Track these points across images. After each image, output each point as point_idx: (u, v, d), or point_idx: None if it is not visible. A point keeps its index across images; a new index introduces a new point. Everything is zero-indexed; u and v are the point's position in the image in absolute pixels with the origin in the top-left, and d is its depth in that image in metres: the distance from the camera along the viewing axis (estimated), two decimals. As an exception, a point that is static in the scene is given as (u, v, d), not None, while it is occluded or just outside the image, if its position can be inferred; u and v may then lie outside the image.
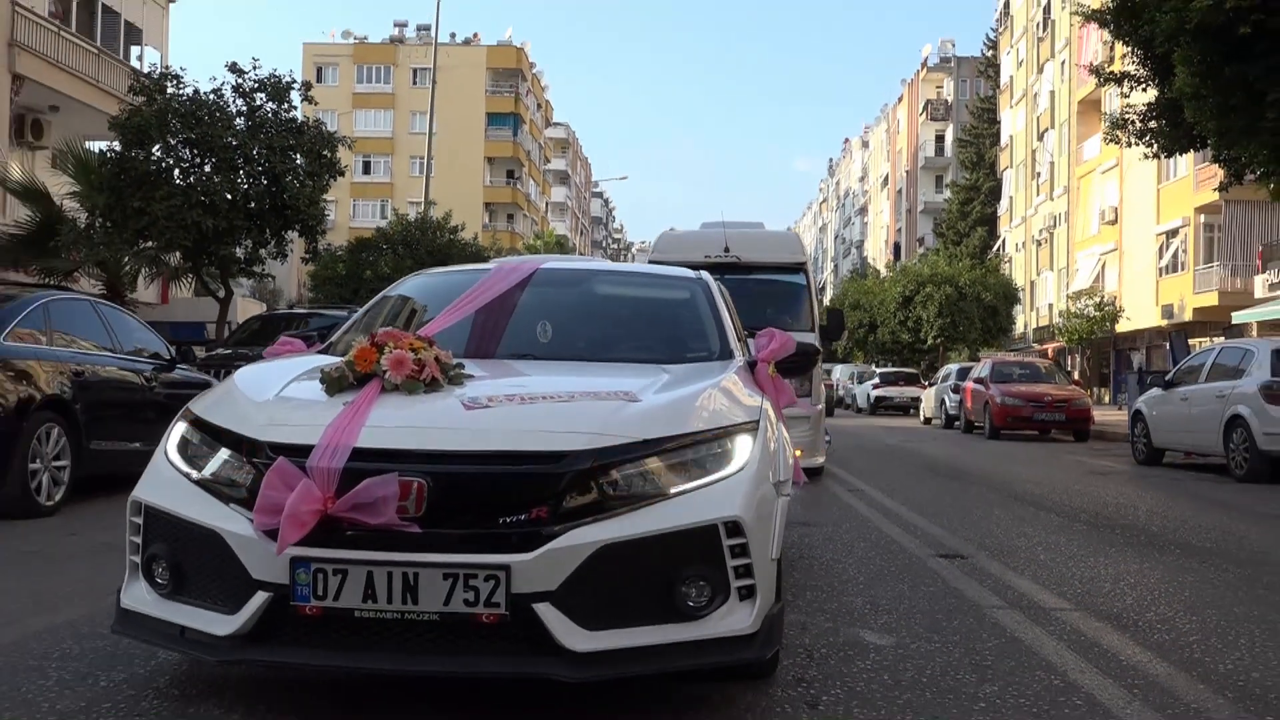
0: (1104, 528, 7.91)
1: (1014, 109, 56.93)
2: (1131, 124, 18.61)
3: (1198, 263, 34.15)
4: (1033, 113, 52.81)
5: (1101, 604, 5.09)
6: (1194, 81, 13.83)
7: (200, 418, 3.30)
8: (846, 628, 4.46)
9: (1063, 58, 47.45)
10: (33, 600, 4.60)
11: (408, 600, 2.74)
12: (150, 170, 18.27)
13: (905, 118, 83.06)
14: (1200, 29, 12.96)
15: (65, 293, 9.41)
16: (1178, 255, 35.94)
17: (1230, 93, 13.56)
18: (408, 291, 5.05)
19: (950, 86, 76.16)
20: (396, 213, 40.34)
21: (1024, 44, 55.19)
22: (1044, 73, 50.95)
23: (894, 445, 18.51)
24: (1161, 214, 36.69)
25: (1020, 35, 56.04)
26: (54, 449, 7.50)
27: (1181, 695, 3.57)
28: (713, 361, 4.16)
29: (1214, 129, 14.74)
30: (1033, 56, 53.18)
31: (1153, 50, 15.92)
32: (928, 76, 78.68)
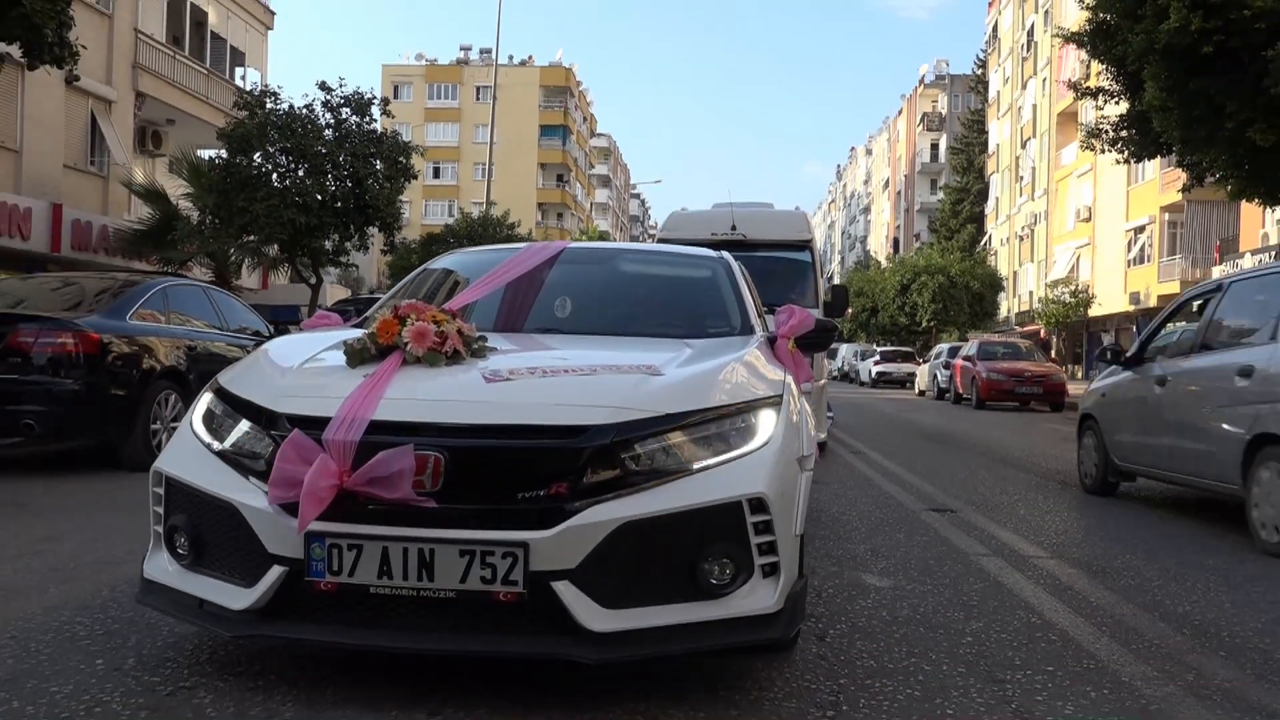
0: (1076, 487, 7.82)
1: (1000, 120, 56.18)
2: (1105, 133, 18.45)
3: (1162, 255, 33.72)
4: (1017, 124, 52.08)
5: (1074, 553, 5.04)
6: (1161, 95, 13.64)
7: (224, 388, 2.91)
8: (850, 571, 4.44)
9: (1044, 75, 46.73)
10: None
11: (424, 577, 2.38)
12: (252, 175, 18.42)
13: (904, 128, 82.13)
14: (1167, 49, 12.82)
15: (180, 279, 9.51)
16: (1144, 249, 35.48)
17: (1194, 105, 13.37)
18: (443, 266, 4.64)
19: (944, 101, 75.22)
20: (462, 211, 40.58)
21: (1010, 63, 54.34)
22: (1027, 88, 50.20)
23: (892, 414, 18.39)
24: (1130, 212, 36.20)
25: (1007, 55, 55.18)
26: (171, 412, 7.62)
27: (1144, 632, 3.53)
28: (734, 336, 3.71)
29: (1179, 137, 14.55)
30: (1017, 74, 52.38)
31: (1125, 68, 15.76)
32: (924, 92, 77.82)
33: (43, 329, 6.95)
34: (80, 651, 2.96)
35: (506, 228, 33.53)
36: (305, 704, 2.55)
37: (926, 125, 75.75)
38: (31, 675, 2.74)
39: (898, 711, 2.65)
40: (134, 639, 3.07)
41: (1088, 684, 2.94)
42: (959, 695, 2.80)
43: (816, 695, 2.75)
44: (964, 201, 63.10)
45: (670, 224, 10.20)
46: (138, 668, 2.82)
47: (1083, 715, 2.67)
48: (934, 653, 3.20)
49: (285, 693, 2.63)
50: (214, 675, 2.76)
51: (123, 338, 7.39)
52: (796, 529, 2.71)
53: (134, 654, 2.94)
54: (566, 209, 76.56)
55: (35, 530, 4.90)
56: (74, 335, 6.97)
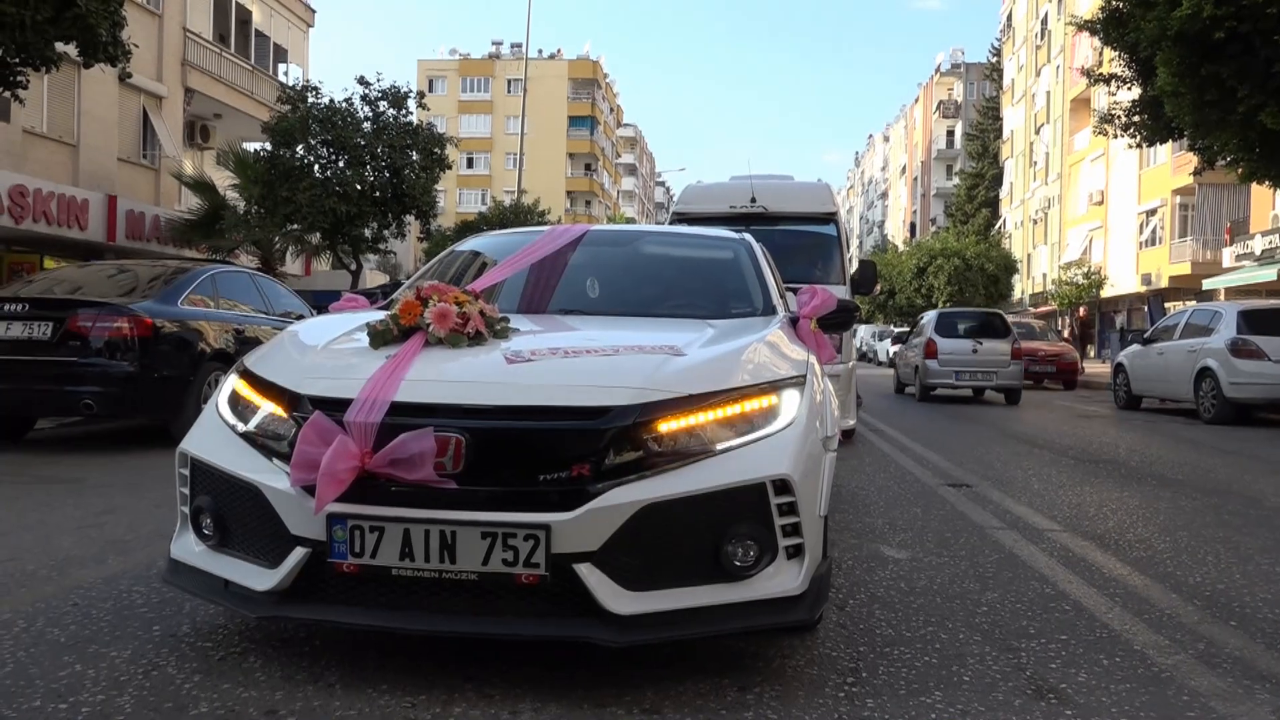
0: (1089, 462, 7.74)
1: (1015, 107, 55.42)
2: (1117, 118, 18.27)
3: (1173, 237, 33.20)
4: (1031, 110, 51.36)
5: (1087, 526, 4.98)
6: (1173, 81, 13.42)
7: (249, 369, 2.82)
8: (869, 543, 4.41)
9: (1058, 62, 46.03)
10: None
11: (445, 559, 2.30)
12: (295, 166, 18.49)
13: (921, 116, 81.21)
14: (1180, 35, 12.60)
15: (228, 266, 9.58)
16: (1156, 231, 34.94)
17: (1205, 90, 13.15)
18: (469, 248, 4.54)
19: (960, 88, 74.28)
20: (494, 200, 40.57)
21: (1024, 51, 53.53)
22: (1041, 75, 49.46)
23: (910, 393, 18.26)
24: (1142, 195, 35.64)
25: (1021, 43, 54.34)
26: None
27: (1156, 603, 3.49)
28: (757, 317, 3.57)
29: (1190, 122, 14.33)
30: (1032, 62, 51.61)
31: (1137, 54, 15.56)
32: (940, 80, 76.86)
33: (100, 314, 7.03)
34: (138, 619, 3.00)
35: (537, 215, 33.54)
36: (350, 669, 2.57)
37: (943, 112, 74.88)
38: (93, 640, 2.78)
39: (915, 678, 2.64)
40: (188, 607, 3.10)
41: (1100, 652, 2.91)
42: (975, 662, 2.78)
43: (837, 663, 2.74)
44: (979, 186, 62.42)
45: (686, 197, 9.19)
46: (191, 634, 2.85)
47: (1096, 682, 2.65)
48: (950, 622, 3.18)
49: (330, 658, 2.66)
50: (263, 642, 2.79)
51: (175, 322, 7.47)
52: (821, 510, 2.62)
53: (188, 621, 2.98)
54: (594, 196, 76.45)
55: (94, 505, 4.97)
56: (129, 319, 7.06)
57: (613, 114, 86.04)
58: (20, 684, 2.44)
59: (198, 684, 2.46)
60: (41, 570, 3.60)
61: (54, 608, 3.10)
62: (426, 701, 2.37)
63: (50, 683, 2.45)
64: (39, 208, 16.54)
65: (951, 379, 15.85)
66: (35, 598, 3.22)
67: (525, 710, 2.33)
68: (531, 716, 2.30)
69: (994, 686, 2.59)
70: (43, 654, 2.66)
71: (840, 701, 2.45)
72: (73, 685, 2.44)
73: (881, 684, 2.58)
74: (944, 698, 2.50)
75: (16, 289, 8.03)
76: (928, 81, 79.87)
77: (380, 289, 4.35)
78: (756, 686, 2.53)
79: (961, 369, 15.65)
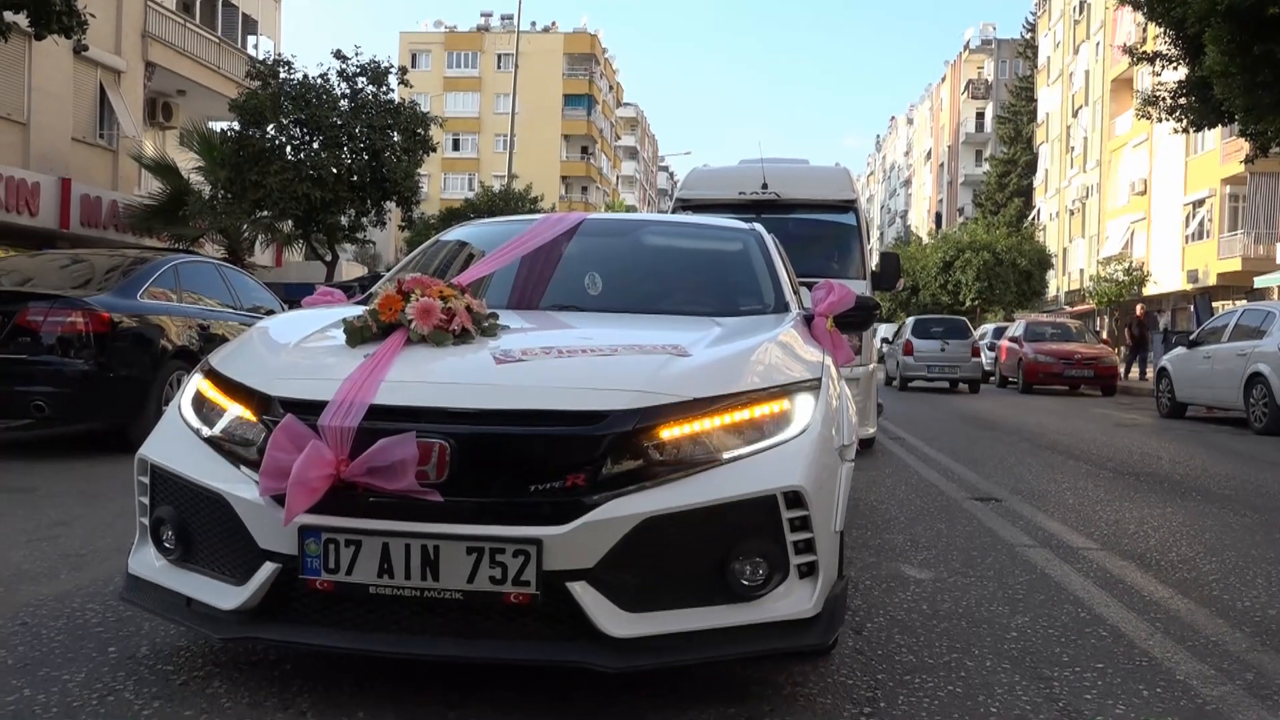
0: (1129, 475, 7.75)
1: (1050, 87, 55.49)
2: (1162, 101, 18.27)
3: (1222, 230, 33.21)
4: (1068, 91, 51.42)
5: (1126, 545, 4.99)
6: (1223, 60, 13.43)
7: (215, 369, 2.78)
8: (889, 562, 4.42)
9: (1097, 39, 46.08)
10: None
11: (428, 576, 2.27)
12: (265, 147, 18.53)
13: (948, 96, 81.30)
14: (1230, 10, 12.63)
15: (192, 256, 9.60)
16: (1203, 223, 34.96)
17: (1258, 70, 13.17)
18: (456, 238, 4.51)
19: (990, 67, 74.37)
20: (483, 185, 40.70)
21: (1061, 26, 53.60)
22: (1079, 53, 49.52)
23: (933, 398, 18.29)
24: (1189, 185, 35.66)
25: (1058, 18, 54.41)
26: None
27: (1201, 629, 3.49)
28: (768, 315, 3.55)
29: (1241, 105, 14.35)
30: (1069, 38, 51.68)
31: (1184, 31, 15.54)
32: (969, 58, 76.96)
33: (52, 307, 7.04)
34: (93, 639, 3.01)
35: (529, 202, 33.62)
36: (323, 695, 2.58)
37: (971, 93, 74.92)
38: (44, 663, 2.79)
39: (939, 709, 2.64)
40: (147, 627, 3.11)
41: (1140, 682, 2.91)
42: (1003, 693, 2.79)
43: (854, 691, 2.75)
44: (1011, 174, 62.46)
45: (691, 182, 8.96)
46: (150, 656, 2.86)
47: (1134, 715, 2.65)
48: (977, 648, 3.18)
49: (302, 683, 2.66)
50: (228, 664, 2.79)
51: (134, 316, 7.48)
52: (836, 525, 2.59)
53: (147, 641, 2.98)
54: (591, 182, 76.51)
55: (46, 515, 4.98)
56: (84, 314, 7.06)
57: (612, 92, 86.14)
58: (-35, 710, 2.45)
59: (157, 710, 2.46)
60: (-12, 586, 3.60)
61: (1, 627, 3.10)
62: (406, 731, 2.37)
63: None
64: (-14, 191, 16.57)
65: (925, 372, 21.18)
66: (-19, 616, 3.23)
67: (514, 741, 2.33)
68: (520, 748, 2.30)
69: (1024, 718, 2.60)
70: (-11, 677, 2.67)
71: (856, 734, 2.45)
72: (20, 712, 2.44)
73: (901, 715, 2.59)
74: (969, 730, 2.50)
75: (-39, 280, 8.04)
76: (955, 59, 79.98)
77: (358, 282, 4.35)
78: (765, 717, 2.53)
79: (932, 364, 21.04)
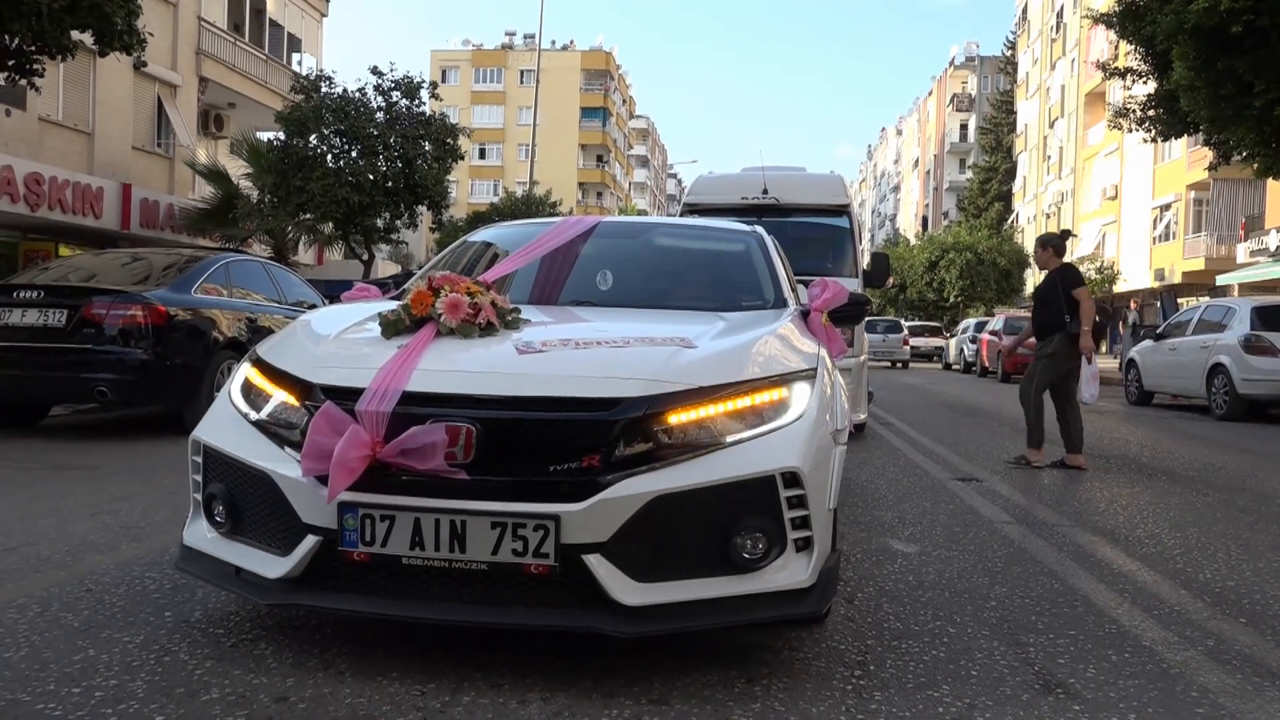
0: (1100, 457, 7.71)
1: (1029, 100, 55.11)
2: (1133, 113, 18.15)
3: (1187, 232, 32.99)
4: (1045, 104, 51.06)
5: (1097, 521, 4.97)
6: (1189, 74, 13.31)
7: (262, 358, 2.83)
8: (877, 537, 4.41)
9: (1073, 56, 45.71)
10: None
11: (455, 549, 2.31)
12: (308, 155, 18.53)
13: (934, 109, 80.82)
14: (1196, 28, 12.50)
15: (241, 255, 9.62)
16: (1170, 226, 34.72)
17: (1221, 84, 13.04)
18: (481, 239, 4.52)
19: (974, 82, 73.88)
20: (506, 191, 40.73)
21: (1039, 44, 53.19)
22: (1056, 69, 49.15)
23: (919, 386, 18.24)
24: (1156, 190, 35.42)
25: (1036, 36, 54.00)
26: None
27: (1166, 599, 3.48)
28: (768, 310, 3.58)
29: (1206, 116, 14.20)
30: (1047, 55, 51.27)
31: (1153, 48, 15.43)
32: (954, 74, 76.51)
33: (114, 301, 7.07)
34: (150, 605, 3.02)
35: (549, 206, 33.56)
36: (360, 657, 2.59)
37: (956, 106, 74.51)
38: (106, 625, 2.80)
39: (923, 672, 2.63)
40: (200, 594, 3.12)
41: (1109, 648, 2.90)
42: (983, 657, 2.78)
43: (845, 655, 2.74)
44: (992, 180, 62.13)
45: (697, 188, 8.98)
46: (203, 620, 2.87)
47: (1104, 678, 2.64)
48: (959, 616, 3.17)
49: (340, 646, 2.67)
50: (274, 628, 2.80)
51: (188, 310, 7.50)
52: (830, 503, 2.60)
53: (200, 607, 3.00)
54: (606, 188, 76.41)
55: (108, 491, 5.00)
56: (143, 307, 7.09)
57: (625, 106, 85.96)
58: (35, 668, 2.46)
59: (209, 670, 2.47)
60: (56, 556, 3.62)
61: (68, 593, 3.13)
62: (436, 690, 2.38)
63: (64, 667, 2.47)
64: (54, 196, 16.62)
65: (871, 355, 24.31)
66: (49, 583, 3.25)
67: (534, 699, 2.34)
68: (540, 706, 2.30)
69: (1002, 681, 2.59)
70: (56, 638, 2.68)
71: (848, 694, 2.45)
72: (86, 670, 2.46)
73: (889, 677, 2.58)
74: (951, 691, 2.49)
75: (32, 276, 8.09)
76: (941, 74, 79.52)
77: (392, 279, 4.35)
78: (764, 678, 2.53)
79: (876, 350, 27.32)
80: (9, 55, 10.61)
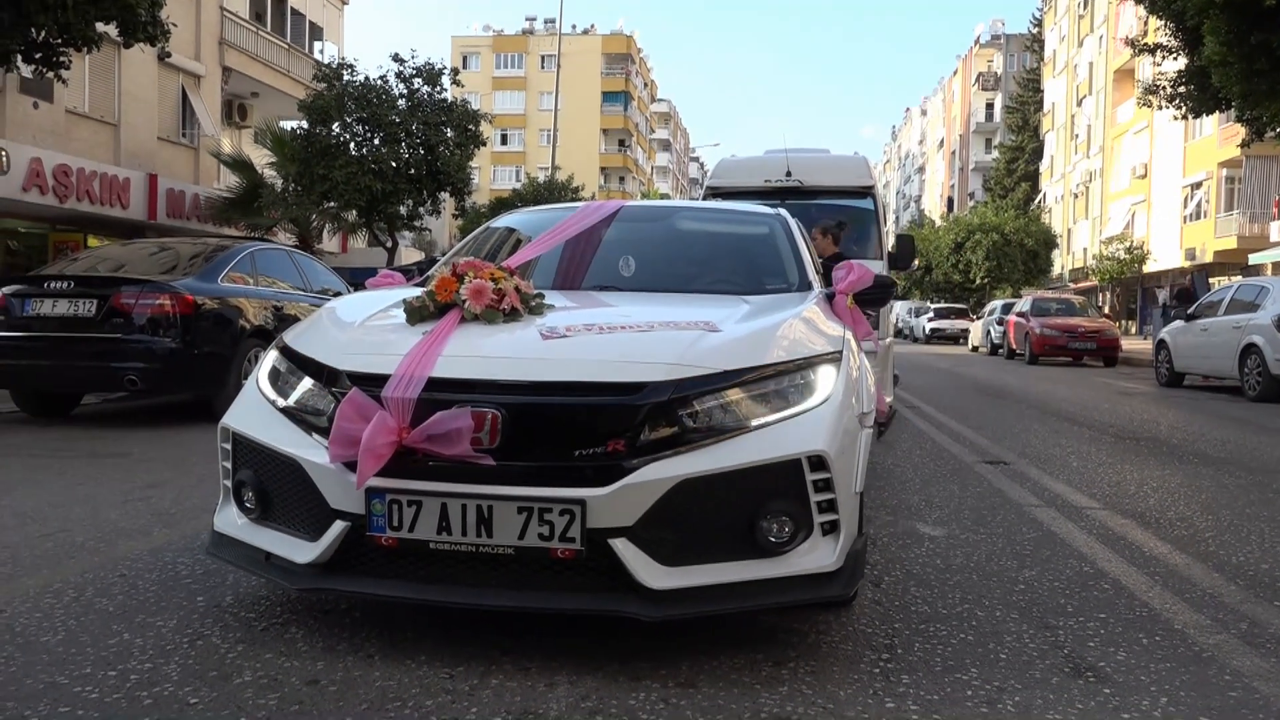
0: (1129, 439, 7.64)
1: (1056, 79, 54.37)
2: (1163, 89, 17.87)
3: (1219, 211, 32.48)
4: (1073, 82, 50.37)
5: (1127, 504, 4.92)
6: (1221, 50, 13.08)
7: (288, 346, 2.85)
8: (904, 520, 4.39)
9: (1101, 32, 45.04)
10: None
11: (482, 533, 2.32)
12: (331, 144, 18.64)
13: (960, 88, 79.94)
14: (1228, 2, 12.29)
15: (267, 244, 9.68)
16: (1201, 205, 34.20)
17: (1254, 59, 12.82)
18: (504, 225, 4.50)
19: (1000, 60, 72.99)
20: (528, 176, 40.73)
21: (1066, 21, 52.43)
22: (1084, 46, 48.45)
23: (946, 369, 18.10)
24: (1187, 168, 34.87)
25: (1063, 13, 53.21)
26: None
27: (1198, 582, 3.44)
28: (792, 293, 3.56)
29: (1239, 92, 13.96)
30: (1074, 32, 50.56)
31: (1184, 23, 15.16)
32: (980, 52, 75.58)
33: (142, 291, 7.15)
34: (183, 589, 3.06)
35: (571, 192, 33.58)
36: (389, 641, 2.61)
37: (982, 85, 73.66)
38: (140, 610, 2.85)
39: (951, 655, 2.63)
40: (231, 578, 3.16)
41: (1140, 631, 2.88)
42: (1012, 640, 2.76)
43: (872, 639, 2.74)
44: (1019, 160, 61.46)
45: (719, 171, 8.92)
46: (235, 605, 2.91)
47: (1135, 661, 2.62)
48: (987, 599, 3.16)
49: (370, 630, 2.70)
50: (304, 613, 2.83)
51: (215, 299, 7.57)
52: (856, 487, 2.59)
53: (231, 592, 3.03)
54: (628, 172, 76.28)
55: (139, 478, 5.07)
56: (171, 297, 7.16)
57: (647, 89, 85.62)
58: (71, 651, 2.50)
59: (241, 653, 2.51)
60: (90, 542, 3.68)
61: (102, 578, 3.18)
62: (464, 673, 2.40)
63: (100, 651, 2.51)
64: (82, 187, 16.80)
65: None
66: (84, 568, 3.30)
67: (562, 682, 2.35)
68: (568, 689, 2.32)
69: (1031, 664, 2.58)
70: (92, 623, 2.73)
71: (875, 677, 2.45)
72: (121, 653, 2.50)
73: (917, 660, 2.58)
74: (980, 675, 2.49)
75: (62, 267, 8.18)
76: (966, 53, 78.60)
77: (416, 266, 4.36)
78: (791, 662, 2.53)
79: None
80: (36, 48, 10.72)
